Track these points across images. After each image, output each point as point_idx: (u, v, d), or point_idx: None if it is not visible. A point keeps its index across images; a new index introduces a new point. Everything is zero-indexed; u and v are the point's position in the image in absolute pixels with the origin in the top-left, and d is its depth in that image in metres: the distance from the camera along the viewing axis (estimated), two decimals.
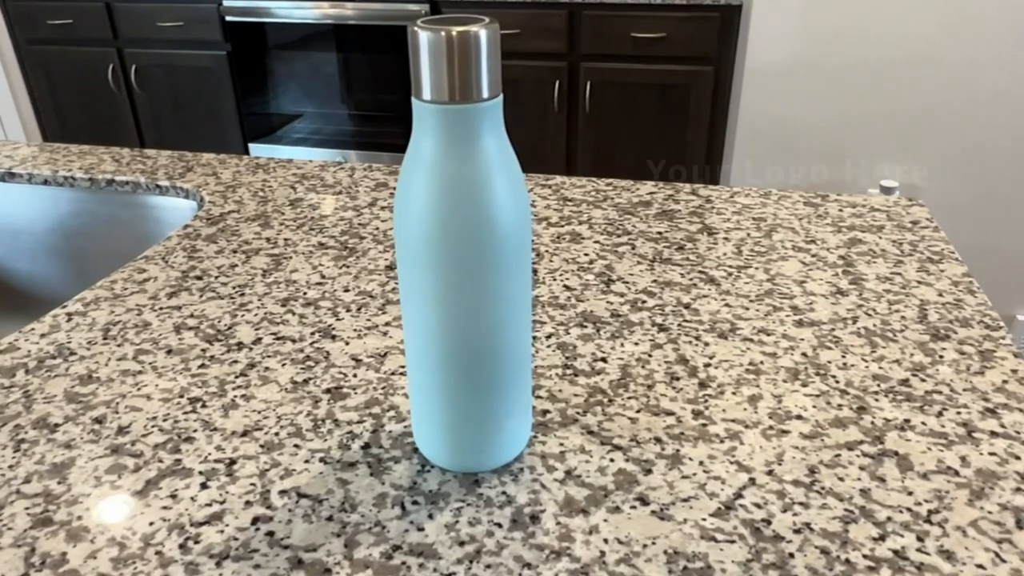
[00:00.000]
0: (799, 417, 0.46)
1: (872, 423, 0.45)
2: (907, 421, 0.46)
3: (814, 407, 0.47)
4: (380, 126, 2.58)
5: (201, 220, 0.75)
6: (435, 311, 0.37)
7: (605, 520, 0.39)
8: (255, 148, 2.76)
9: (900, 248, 0.67)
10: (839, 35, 1.92)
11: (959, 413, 0.46)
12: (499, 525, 0.38)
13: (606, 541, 0.37)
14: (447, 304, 0.37)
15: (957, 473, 0.42)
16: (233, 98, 2.66)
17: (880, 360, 0.51)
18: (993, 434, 0.44)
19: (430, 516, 0.39)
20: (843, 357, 0.52)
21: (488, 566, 0.36)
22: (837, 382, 0.49)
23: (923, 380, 0.49)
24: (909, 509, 0.39)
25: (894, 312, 0.57)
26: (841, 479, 0.41)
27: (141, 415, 0.47)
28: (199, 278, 0.63)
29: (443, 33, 0.33)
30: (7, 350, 0.54)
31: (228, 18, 2.50)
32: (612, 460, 0.43)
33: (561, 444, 0.44)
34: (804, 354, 0.52)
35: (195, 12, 2.53)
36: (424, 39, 0.33)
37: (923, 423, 0.45)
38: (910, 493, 0.40)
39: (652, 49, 2.29)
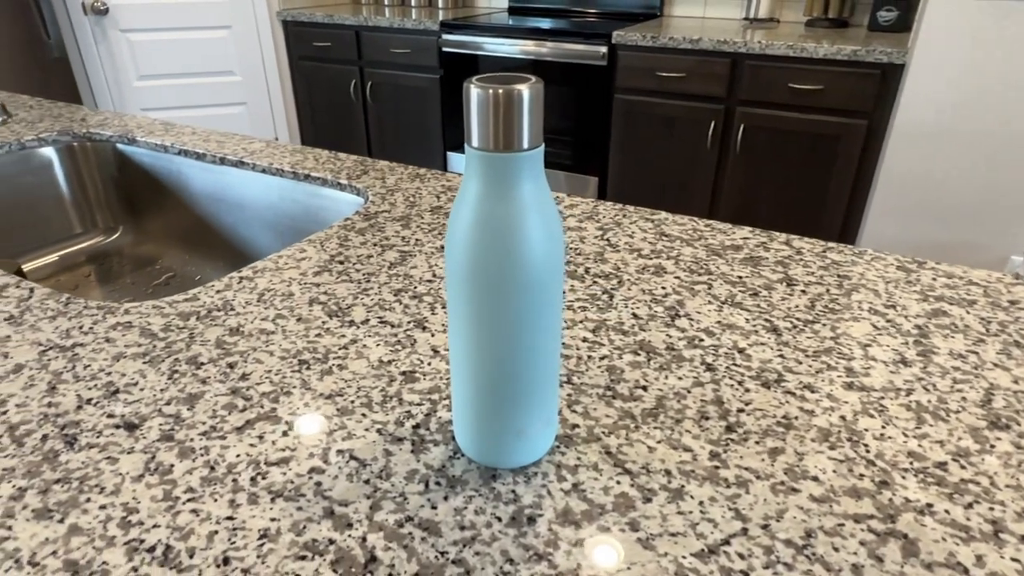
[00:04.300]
0: (815, 479, 0.41)
1: (890, 500, 0.39)
2: (929, 506, 0.39)
3: (834, 471, 0.41)
4: (556, 147, 2.60)
5: (360, 215, 0.79)
6: (469, 329, 0.37)
7: (592, 536, 0.37)
8: (452, 156, 2.89)
9: (986, 327, 0.57)
10: (993, 99, 1.66)
11: (992, 509, 0.38)
12: (499, 519, 0.38)
13: (586, 556, 0.35)
14: (479, 324, 0.37)
15: (967, 572, 0.35)
16: (440, 114, 2.80)
17: (922, 438, 0.44)
18: None
19: (445, 498, 0.39)
20: (883, 428, 0.45)
21: (477, 553, 0.36)
22: (868, 451, 0.43)
23: (963, 467, 0.42)
24: None
25: (955, 391, 0.48)
26: (836, 549, 0.36)
27: (261, 367, 0.51)
28: (341, 262, 0.67)
29: (490, 91, 0.32)
30: (191, 299, 0.61)
31: (444, 49, 2.63)
32: (618, 482, 0.40)
33: (578, 458, 0.42)
34: (843, 417, 0.46)
35: (420, 43, 2.69)
36: (474, 95, 0.32)
37: (947, 511, 0.38)
38: None
39: (807, 100, 2.11)
